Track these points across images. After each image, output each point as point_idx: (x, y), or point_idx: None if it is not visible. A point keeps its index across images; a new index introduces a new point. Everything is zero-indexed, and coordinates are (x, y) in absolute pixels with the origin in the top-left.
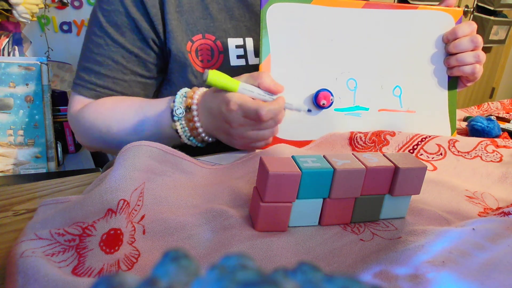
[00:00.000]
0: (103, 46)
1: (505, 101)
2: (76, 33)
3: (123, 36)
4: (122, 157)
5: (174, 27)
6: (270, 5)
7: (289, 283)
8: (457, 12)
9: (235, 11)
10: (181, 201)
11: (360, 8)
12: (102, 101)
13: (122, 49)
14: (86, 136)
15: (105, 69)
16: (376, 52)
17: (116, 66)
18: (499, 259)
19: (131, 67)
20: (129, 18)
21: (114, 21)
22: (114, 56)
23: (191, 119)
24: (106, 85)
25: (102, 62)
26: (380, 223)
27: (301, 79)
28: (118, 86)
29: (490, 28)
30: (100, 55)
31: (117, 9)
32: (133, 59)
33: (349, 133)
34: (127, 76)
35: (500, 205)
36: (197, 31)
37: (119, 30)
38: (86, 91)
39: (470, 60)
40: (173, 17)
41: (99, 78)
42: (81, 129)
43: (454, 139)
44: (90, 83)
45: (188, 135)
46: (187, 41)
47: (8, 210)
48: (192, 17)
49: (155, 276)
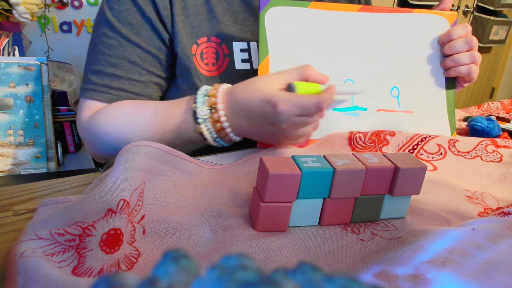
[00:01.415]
0: (116, 47)
1: (505, 101)
2: (76, 33)
3: (139, 36)
4: (122, 157)
5: (180, 29)
6: (269, 8)
7: (289, 283)
8: (452, 16)
9: (239, 15)
10: (181, 201)
11: (356, 12)
12: (118, 105)
13: (138, 49)
14: (100, 143)
15: (120, 71)
16: (372, 54)
17: (132, 67)
18: (499, 259)
19: (148, 67)
20: (144, 17)
21: (128, 21)
22: (129, 56)
23: (217, 120)
24: (122, 87)
25: (116, 63)
26: (380, 223)
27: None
28: (135, 87)
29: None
30: (114, 57)
31: (129, 8)
32: (150, 58)
33: (349, 133)
34: (143, 77)
35: (500, 205)
36: (202, 34)
37: (134, 29)
38: (99, 95)
39: (465, 61)
40: (179, 19)
41: (114, 80)
42: (94, 137)
43: (454, 139)
44: (103, 86)
45: (215, 137)
46: (192, 44)
47: (8, 210)
48: (197, 20)
49: (155, 276)
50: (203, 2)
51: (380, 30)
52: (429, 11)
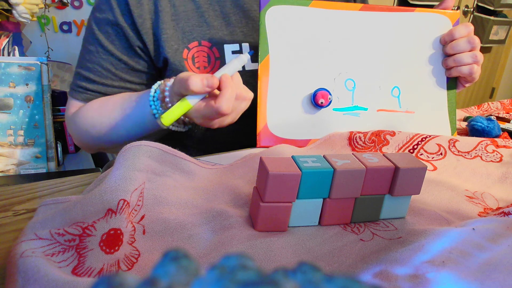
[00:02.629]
0: (94, 53)
1: (505, 101)
2: (76, 33)
3: (112, 44)
4: (122, 157)
5: (170, 35)
6: (269, 7)
7: (289, 283)
8: (454, 15)
9: (231, 17)
10: (181, 201)
11: (357, 11)
12: (91, 103)
13: (111, 57)
14: (80, 137)
15: (94, 75)
16: (373, 53)
17: (105, 73)
18: (499, 259)
19: (120, 74)
20: (118, 26)
21: (105, 29)
22: (103, 63)
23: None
24: (96, 89)
25: (92, 68)
26: (380, 223)
27: (299, 80)
28: (108, 90)
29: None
30: (91, 62)
31: (107, 18)
32: (122, 66)
33: (348, 133)
34: (116, 83)
35: (500, 205)
36: (193, 39)
37: (109, 37)
38: (78, 95)
39: (467, 61)
40: (169, 26)
41: (90, 83)
42: (75, 132)
43: (454, 139)
44: (81, 88)
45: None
46: (183, 49)
47: (8, 210)
48: (188, 25)
49: (155, 276)
50: (193, 7)
51: (381, 29)
52: (431, 10)
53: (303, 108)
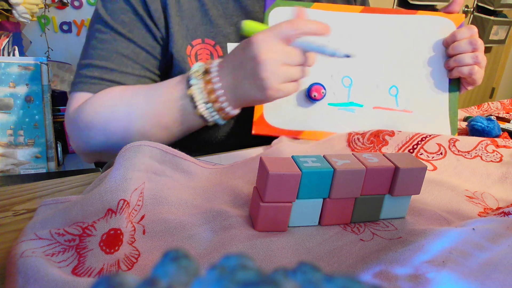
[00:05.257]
0: (109, 41)
1: (505, 101)
2: (76, 33)
3: (131, 32)
4: (122, 157)
5: (176, 31)
6: (274, 8)
7: (289, 283)
8: (459, 18)
9: (234, 18)
10: (181, 201)
11: (358, 13)
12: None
13: (132, 44)
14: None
15: (112, 64)
16: (373, 54)
17: (125, 60)
18: (499, 259)
19: (142, 62)
20: (137, 15)
21: (121, 19)
22: (123, 50)
23: (209, 81)
24: (113, 79)
25: (108, 56)
26: (380, 223)
27: None
28: (128, 80)
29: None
30: (106, 50)
31: (123, 7)
32: (144, 55)
33: (347, 135)
34: (137, 71)
35: (500, 205)
36: (197, 36)
37: (127, 27)
38: (89, 86)
39: (467, 61)
40: (175, 21)
41: (106, 73)
42: (79, 127)
43: (454, 139)
44: (93, 78)
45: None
46: (186, 45)
47: (8, 210)
48: (192, 23)
49: (155, 276)
50: (198, 5)
51: (382, 31)
52: (434, 13)
53: (298, 101)
